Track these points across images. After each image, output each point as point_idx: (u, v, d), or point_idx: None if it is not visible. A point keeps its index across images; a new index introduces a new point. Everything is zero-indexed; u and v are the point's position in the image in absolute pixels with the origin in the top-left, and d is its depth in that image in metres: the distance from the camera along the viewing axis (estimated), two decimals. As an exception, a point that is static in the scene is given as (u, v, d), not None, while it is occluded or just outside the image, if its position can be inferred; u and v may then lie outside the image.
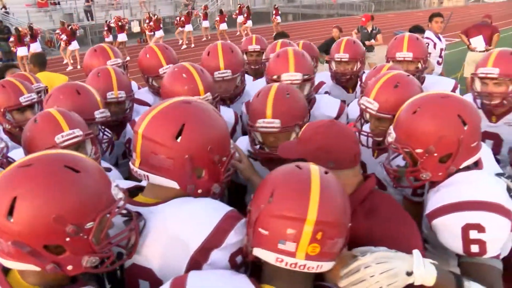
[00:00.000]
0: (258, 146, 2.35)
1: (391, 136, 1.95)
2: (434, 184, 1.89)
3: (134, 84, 3.68)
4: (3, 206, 1.17)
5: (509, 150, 2.39)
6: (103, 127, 2.66)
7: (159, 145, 1.50)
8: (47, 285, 1.28)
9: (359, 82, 3.66)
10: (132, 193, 1.64)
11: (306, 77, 2.81)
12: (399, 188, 2.24)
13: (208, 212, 1.49)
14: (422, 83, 3.25)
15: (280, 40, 3.87)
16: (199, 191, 1.56)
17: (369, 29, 10.09)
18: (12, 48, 15.95)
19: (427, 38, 6.45)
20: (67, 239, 1.21)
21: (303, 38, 4.90)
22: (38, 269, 1.22)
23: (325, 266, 1.30)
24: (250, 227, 1.36)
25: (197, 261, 1.42)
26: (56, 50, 19.03)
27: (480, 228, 1.63)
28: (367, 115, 2.51)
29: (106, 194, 1.31)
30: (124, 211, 1.43)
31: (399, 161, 2.23)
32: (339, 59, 3.70)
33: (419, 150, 1.82)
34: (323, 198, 1.28)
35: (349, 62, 3.70)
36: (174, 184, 1.52)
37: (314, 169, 1.36)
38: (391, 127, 1.99)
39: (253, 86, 3.36)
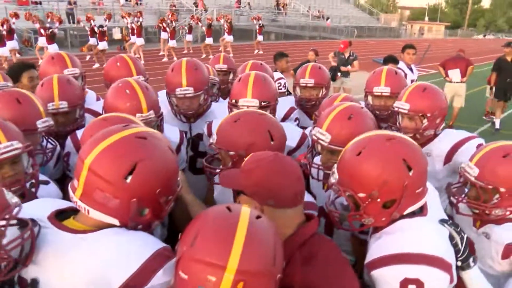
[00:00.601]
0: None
1: (334, 177, 1.86)
2: (377, 229, 1.83)
3: (92, 94, 3.54)
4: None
5: (446, 186, 2.33)
6: (47, 136, 2.55)
7: (107, 183, 1.42)
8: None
9: None
10: (62, 215, 1.53)
11: (264, 103, 2.78)
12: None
13: (137, 248, 1.41)
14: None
15: (251, 62, 3.83)
16: (139, 227, 1.50)
17: (347, 55, 10.22)
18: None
19: (398, 68, 6.54)
20: None
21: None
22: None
23: None
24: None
25: None
26: (33, 50, 18.65)
27: (418, 283, 1.58)
28: (319, 147, 2.43)
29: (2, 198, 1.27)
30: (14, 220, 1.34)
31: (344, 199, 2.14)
32: (304, 84, 3.67)
33: (361, 195, 1.74)
34: (248, 246, 1.19)
35: (315, 88, 3.68)
36: (115, 222, 1.46)
37: (245, 213, 1.28)
38: (334, 167, 1.90)
39: (219, 106, 3.31)
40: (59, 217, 1.51)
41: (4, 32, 15.17)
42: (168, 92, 3.07)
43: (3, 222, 1.24)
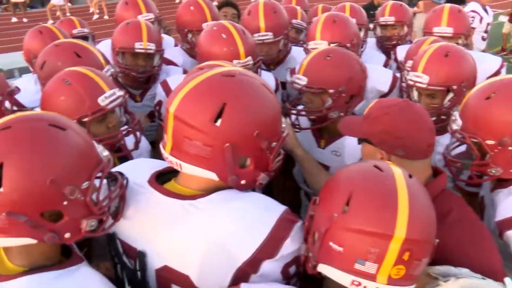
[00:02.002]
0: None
1: (457, 123, 1.68)
2: (504, 183, 1.63)
3: (170, 39, 3.42)
4: None
5: None
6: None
7: (194, 129, 1.20)
8: (36, 265, 1.14)
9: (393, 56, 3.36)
10: (162, 177, 1.36)
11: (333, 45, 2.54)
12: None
13: (259, 215, 1.22)
14: None
15: (321, 5, 3.62)
16: (243, 182, 1.26)
17: None
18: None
19: (472, 11, 5.92)
20: (65, 202, 1.10)
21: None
22: (34, 241, 1.08)
23: None
24: (313, 237, 1.13)
25: (245, 272, 1.18)
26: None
27: None
28: (415, 94, 2.23)
29: (94, 152, 1.21)
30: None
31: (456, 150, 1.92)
32: (384, 23, 3.46)
33: (490, 142, 1.58)
34: (413, 212, 1.05)
35: (395, 26, 3.46)
36: (212, 175, 1.24)
37: (398, 173, 1.12)
38: (456, 113, 1.71)
39: (300, 51, 3.05)
40: (159, 180, 1.34)
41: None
42: None
43: (89, 184, 1.14)
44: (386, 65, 3.26)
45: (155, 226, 1.27)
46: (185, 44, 3.15)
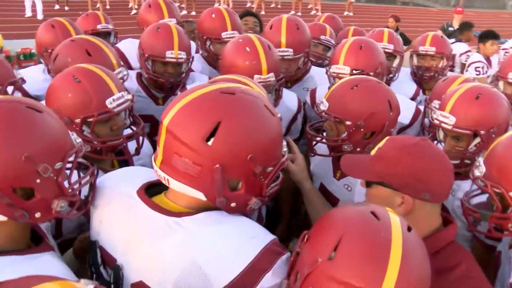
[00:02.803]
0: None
1: (479, 170, 1.58)
2: None
3: (192, 44, 3.44)
4: None
5: None
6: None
7: (185, 146, 1.15)
8: (1, 249, 1.16)
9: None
10: (153, 188, 1.32)
11: (356, 72, 2.48)
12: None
13: (243, 242, 1.17)
14: None
15: (352, 27, 3.56)
16: (232, 205, 1.21)
17: (456, 25, 8.96)
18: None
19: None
20: (38, 180, 1.15)
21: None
22: (4, 218, 1.13)
23: None
24: (295, 276, 1.06)
25: None
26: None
27: None
28: (441, 134, 2.13)
29: (68, 137, 1.27)
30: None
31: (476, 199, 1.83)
32: (424, 52, 3.36)
33: None
34: (405, 270, 0.97)
35: (435, 57, 3.35)
36: (200, 195, 1.19)
37: (396, 225, 1.04)
38: (481, 159, 1.61)
39: (320, 71, 3.00)
40: (150, 191, 1.31)
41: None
42: None
43: (70, 163, 1.23)
44: (415, 95, 3.17)
45: (136, 239, 1.24)
46: (203, 51, 3.14)
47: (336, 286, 0.97)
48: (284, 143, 1.33)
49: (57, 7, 15.33)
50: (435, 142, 2.20)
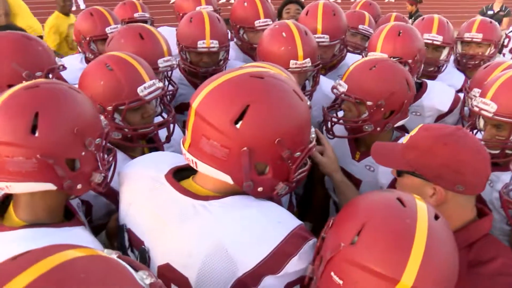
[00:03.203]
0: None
1: None
2: None
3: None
4: (24, 123, 1.18)
5: None
6: (169, 76, 2.45)
7: (213, 128, 1.16)
8: (38, 221, 1.28)
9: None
10: (181, 173, 1.34)
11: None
12: None
13: (269, 226, 1.16)
14: None
15: (394, 13, 3.49)
16: (259, 189, 1.22)
17: (496, 9, 8.63)
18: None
19: None
20: (83, 153, 1.28)
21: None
22: (54, 187, 1.24)
23: None
24: (320, 261, 1.05)
25: (244, 284, 1.13)
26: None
27: None
28: (481, 122, 2.04)
29: (100, 118, 1.41)
30: None
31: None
32: (469, 39, 3.16)
33: None
34: (428, 258, 0.94)
35: (481, 44, 3.15)
36: (227, 178, 1.19)
37: (422, 211, 1.01)
38: None
39: (354, 58, 2.93)
40: (178, 175, 1.33)
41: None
42: None
43: (100, 141, 1.35)
44: (464, 85, 3.00)
45: (164, 222, 1.26)
46: (236, 39, 3.12)
47: (355, 270, 0.96)
48: (312, 129, 1.32)
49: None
50: (475, 131, 2.10)
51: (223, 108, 1.15)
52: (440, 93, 2.53)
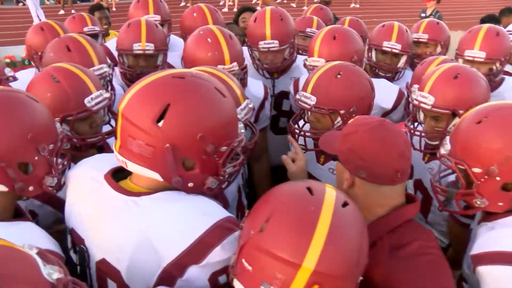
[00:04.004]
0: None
1: (445, 148, 1.63)
2: (489, 216, 1.56)
3: (180, 42, 3.47)
4: None
5: None
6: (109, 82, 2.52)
7: (137, 128, 1.23)
8: None
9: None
10: (120, 174, 1.41)
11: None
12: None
13: (193, 218, 1.23)
14: (497, 87, 2.80)
15: (348, 18, 3.60)
16: (190, 184, 1.29)
17: (428, 13, 8.95)
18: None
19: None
20: (36, 157, 1.37)
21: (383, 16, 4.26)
22: (5, 189, 1.33)
23: None
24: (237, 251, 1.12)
25: (170, 274, 1.20)
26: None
27: None
28: (421, 115, 2.18)
29: (55, 125, 1.51)
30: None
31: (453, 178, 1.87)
32: (416, 39, 3.33)
33: (477, 170, 1.50)
34: (330, 244, 1.00)
35: (428, 44, 3.34)
36: (156, 176, 1.27)
37: (329, 199, 1.07)
38: (447, 138, 1.65)
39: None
40: (118, 175, 1.40)
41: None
42: (249, 45, 2.88)
43: (54, 146, 1.44)
44: None
45: (99, 218, 1.34)
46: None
47: (262, 256, 1.02)
48: (241, 125, 1.41)
49: (62, 12, 15.52)
50: (416, 124, 2.23)
51: (145, 108, 1.23)
52: (383, 90, 2.65)
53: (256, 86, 2.62)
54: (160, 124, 1.21)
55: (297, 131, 2.08)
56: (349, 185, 1.48)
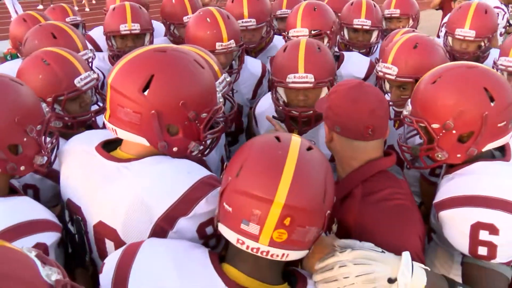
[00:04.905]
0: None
1: (407, 109, 1.78)
2: (450, 169, 1.71)
3: (161, 28, 3.59)
4: None
5: None
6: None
7: (125, 97, 1.38)
8: None
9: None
10: (111, 145, 1.56)
11: (314, 32, 2.71)
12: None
13: (179, 176, 1.39)
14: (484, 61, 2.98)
15: None
16: (174, 149, 1.45)
17: None
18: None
19: (496, 7, 5.76)
20: (25, 139, 1.47)
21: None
22: None
23: (293, 255, 1.17)
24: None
25: (162, 228, 1.35)
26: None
27: (492, 230, 1.43)
28: (387, 85, 2.34)
29: (41, 107, 1.59)
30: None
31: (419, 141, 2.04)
32: (389, 15, 3.48)
33: (435, 125, 1.64)
34: (297, 180, 1.13)
35: (401, 19, 3.50)
36: (143, 141, 1.42)
37: (295, 144, 1.21)
38: (409, 100, 1.81)
39: (281, 39, 3.20)
40: (108, 147, 1.54)
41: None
42: None
43: (42, 127, 1.53)
44: None
45: (94, 185, 1.48)
46: (168, 35, 3.36)
47: (239, 197, 1.15)
48: (219, 95, 1.57)
49: (40, 6, 15.39)
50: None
51: (132, 79, 1.38)
52: (356, 61, 2.83)
53: (255, 64, 2.79)
54: (145, 93, 1.37)
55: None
56: (329, 140, 1.70)
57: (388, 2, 3.55)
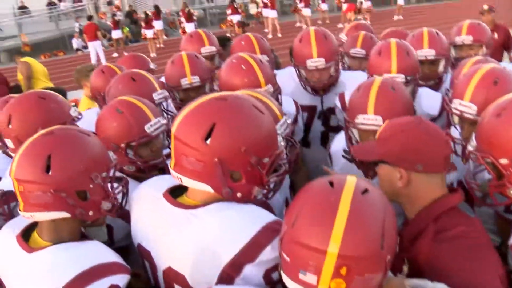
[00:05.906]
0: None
1: (471, 144, 1.72)
2: None
3: None
4: (40, 165, 1.49)
5: None
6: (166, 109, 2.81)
7: (189, 147, 1.45)
8: (61, 240, 1.55)
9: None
10: (176, 192, 1.62)
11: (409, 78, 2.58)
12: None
13: (244, 222, 1.42)
14: None
15: (388, 29, 3.65)
16: (238, 195, 1.48)
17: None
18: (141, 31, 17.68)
19: None
20: (91, 185, 1.55)
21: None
22: (68, 215, 1.53)
23: None
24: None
25: (228, 275, 1.38)
26: (177, 31, 20.29)
27: None
28: (455, 118, 2.19)
29: (108, 155, 1.69)
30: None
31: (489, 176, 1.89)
32: (461, 43, 3.28)
33: (504, 161, 1.57)
34: (350, 227, 1.12)
35: (473, 46, 3.27)
36: (208, 188, 1.48)
37: (349, 188, 1.20)
38: (473, 135, 1.74)
39: (349, 76, 3.20)
40: (175, 193, 1.61)
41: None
42: (296, 64, 3.03)
43: (107, 174, 1.62)
44: None
45: (163, 231, 1.56)
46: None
47: (295, 247, 1.17)
48: (280, 138, 1.60)
49: (115, 55, 16.60)
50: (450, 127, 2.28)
51: (194, 129, 1.45)
52: (428, 98, 2.72)
53: (288, 103, 2.80)
54: (208, 141, 1.42)
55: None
56: (405, 184, 1.59)
57: (458, 29, 3.35)
